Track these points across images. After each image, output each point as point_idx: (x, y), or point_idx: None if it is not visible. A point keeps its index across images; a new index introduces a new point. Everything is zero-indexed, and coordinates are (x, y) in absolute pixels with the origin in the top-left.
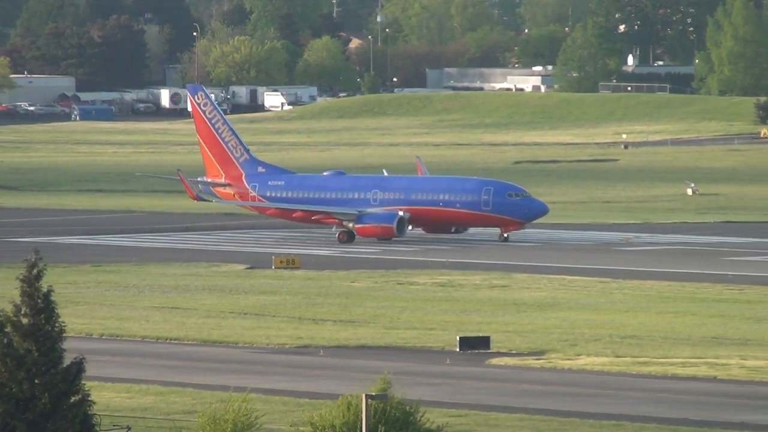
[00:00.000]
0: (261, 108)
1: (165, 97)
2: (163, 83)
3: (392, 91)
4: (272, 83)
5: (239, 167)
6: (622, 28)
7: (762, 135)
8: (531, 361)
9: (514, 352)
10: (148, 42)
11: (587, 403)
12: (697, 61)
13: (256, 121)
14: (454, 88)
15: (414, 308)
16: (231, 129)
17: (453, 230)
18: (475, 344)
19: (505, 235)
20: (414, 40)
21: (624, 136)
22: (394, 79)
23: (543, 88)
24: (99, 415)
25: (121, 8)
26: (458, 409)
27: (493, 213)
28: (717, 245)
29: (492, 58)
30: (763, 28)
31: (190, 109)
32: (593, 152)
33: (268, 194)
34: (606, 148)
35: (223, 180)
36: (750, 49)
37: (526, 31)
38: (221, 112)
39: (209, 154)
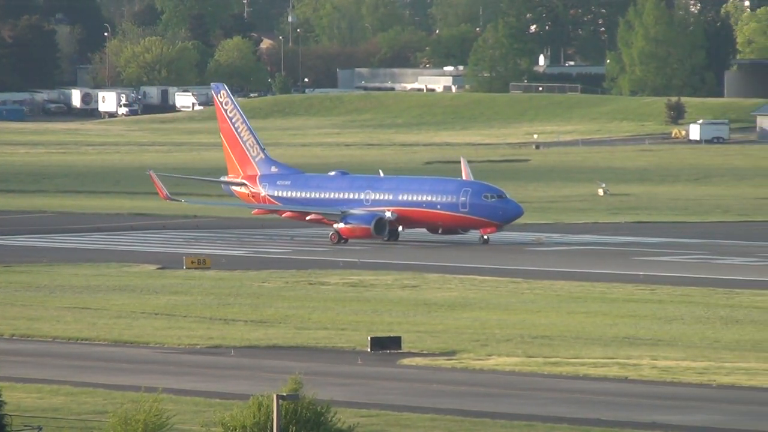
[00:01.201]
0: (172, 108)
1: (76, 97)
2: (74, 83)
3: (303, 92)
4: (183, 83)
5: (255, 167)
6: (533, 28)
7: (673, 135)
8: (442, 362)
9: (425, 352)
10: (59, 42)
11: (498, 403)
12: (608, 61)
13: (167, 122)
14: (365, 89)
15: (325, 308)
16: (249, 128)
17: (440, 231)
18: (386, 344)
19: (485, 237)
20: (325, 40)
21: (535, 136)
22: (306, 80)
23: (454, 89)
24: (10, 415)
25: (32, 8)
26: (369, 410)
27: (470, 215)
28: (628, 245)
29: (403, 59)
30: (674, 28)
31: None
32: (505, 152)
33: (275, 194)
34: (517, 149)
35: (239, 179)
36: (661, 49)
37: (438, 31)
38: (241, 110)
39: (230, 153)
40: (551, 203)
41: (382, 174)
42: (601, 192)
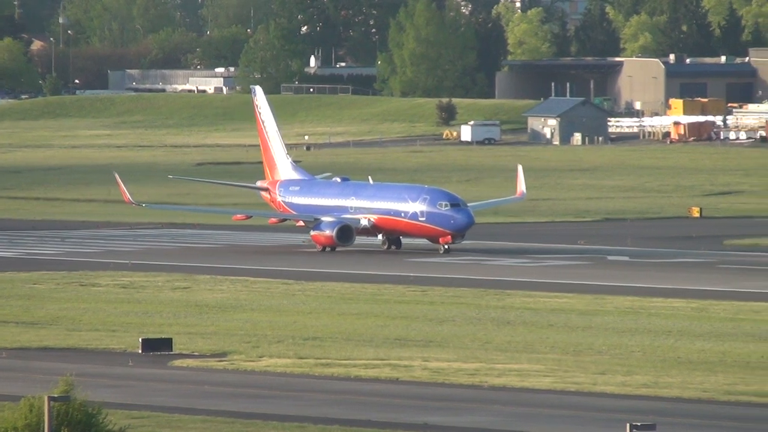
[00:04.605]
0: None
1: None
2: None
3: (74, 93)
4: None
5: (279, 171)
6: (304, 29)
7: (444, 136)
8: (213, 363)
9: (196, 353)
10: None
11: (270, 404)
12: (379, 62)
13: None
14: (136, 90)
15: (96, 310)
16: (278, 133)
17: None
18: (157, 346)
19: (445, 246)
20: (96, 41)
21: (306, 137)
22: (76, 81)
23: (225, 90)
24: None
25: None
26: (141, 411)
27: (427, 223)
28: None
29: (174, 60)
30: (445, 30)
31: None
32: None
33: (287, 200)
34: (289, 150)
35: (265, 184)
36: (432, 51)
37: (208, 32)
38: (272, 114)
39: (264, 157)
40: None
41: (371, 181)
42: None
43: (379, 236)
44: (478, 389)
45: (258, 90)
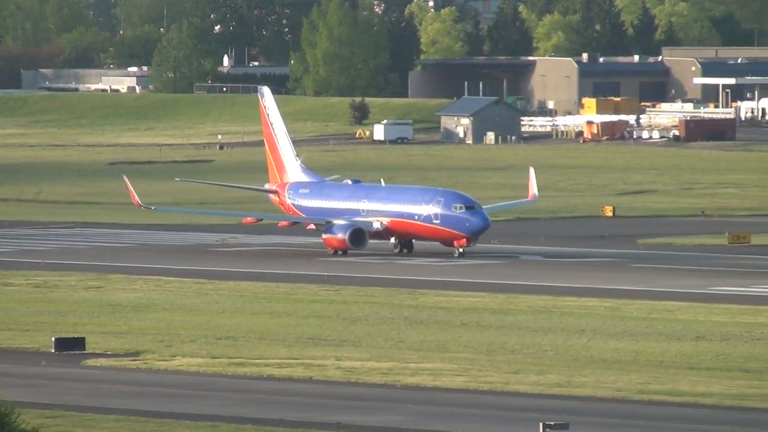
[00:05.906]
0: None
1: None
2: None
3: None
4: None
5: (288, 174)
6: (217, 28)
7: (357, 135)
8: (126, 362)
9: (109, 353)
10: None
11: (183, 403)
12: (292, 62)
13: None
14: (49, 89)
15: (9, 309)
16: (287, 134)
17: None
18: (70, 345)
19: (460, 249)
20: (9, 41)
21: (219, 136)
22: None
23: (138, 89)
24: None
25: None
26: (54, 410)
27: (441, 226)
28: (312, 246)
29: (87, 59)
30: (358, 29)
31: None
32: (189, 153)
33: (296, 202)
34: (202, 149)
35: (273, 187)
36: (345, 50)
37: (121, 32)
38: (280, 115)
39: (271, 159)
40: (236, 204)
41: (383, 183)
42: None
43: (392, 239)
44: (391, 388)
45: (266, 91)
